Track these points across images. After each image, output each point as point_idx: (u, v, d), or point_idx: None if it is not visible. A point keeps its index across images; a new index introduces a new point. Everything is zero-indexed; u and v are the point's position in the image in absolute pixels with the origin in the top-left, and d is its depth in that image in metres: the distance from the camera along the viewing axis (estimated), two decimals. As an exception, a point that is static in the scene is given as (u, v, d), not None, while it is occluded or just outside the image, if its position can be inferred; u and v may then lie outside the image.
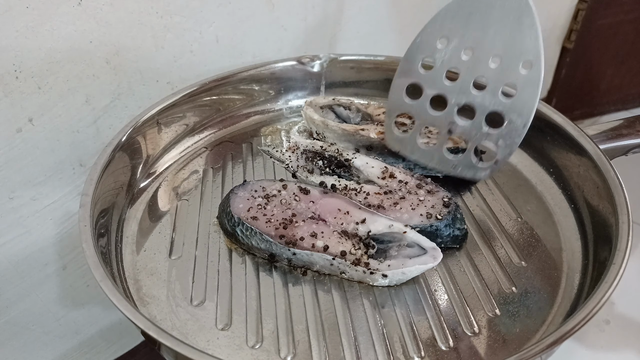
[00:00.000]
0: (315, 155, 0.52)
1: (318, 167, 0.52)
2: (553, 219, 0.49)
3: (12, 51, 0.48)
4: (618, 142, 0.51)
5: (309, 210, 0.45)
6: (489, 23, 0.45)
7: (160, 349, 0.35)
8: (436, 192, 0.48)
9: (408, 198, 0.47)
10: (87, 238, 0.40)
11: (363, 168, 0.50)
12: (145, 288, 0.43)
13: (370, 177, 0.50)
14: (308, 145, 0.53)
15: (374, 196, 0.47)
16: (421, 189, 0.48)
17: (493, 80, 0.46)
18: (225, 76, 0.60)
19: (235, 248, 0.46)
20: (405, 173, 0.50)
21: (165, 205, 0.51)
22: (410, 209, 0.46)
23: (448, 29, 0.47)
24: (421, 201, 0.47)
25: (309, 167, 0.52)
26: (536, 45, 0.44)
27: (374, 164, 0.50)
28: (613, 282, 0.37)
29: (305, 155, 0.53)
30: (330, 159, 0.52)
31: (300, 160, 0.53)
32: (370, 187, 0.48)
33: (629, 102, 1.31)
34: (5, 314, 0.60)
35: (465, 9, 0.46)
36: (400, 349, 0.38)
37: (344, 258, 0.42)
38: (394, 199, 0.47)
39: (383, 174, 0.49)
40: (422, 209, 0.46)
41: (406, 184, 0.48)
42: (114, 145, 0.49)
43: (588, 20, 1.11)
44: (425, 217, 0.45)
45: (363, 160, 0.51)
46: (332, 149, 0.52)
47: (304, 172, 0.52)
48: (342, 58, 0.64)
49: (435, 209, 0.46)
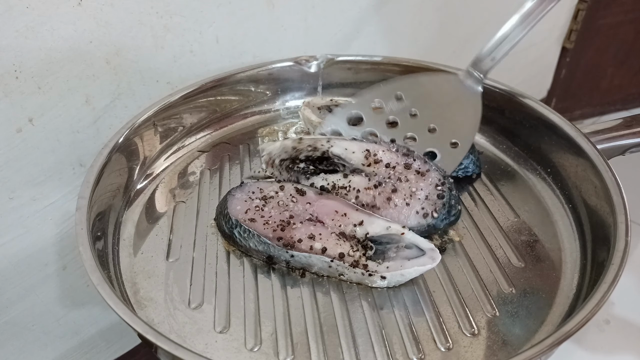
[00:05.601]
0: (293, 160, 0.49)
1: (301, 171, 0.49)
2: (551, 219, 0.49)
3: (12, 51, 0.48)
4: (615, 141, 0.51)
5: (306, 212, 0.45)
6: (443, 102, 0.54)
7: (157, 352, 0.35)
8: (427, 173, 0.46)
9: (400, 188, 0.46)
10: (83, 241, 0.40)
11: (344, 155, 0.48)
12: (143, 291, 0.43)
13: (354, 165, 0.48)
14: (280, 153, 0.49)
15: (365, 193, 0.46)
16: (410, 169, 0.47)
17: (423, 140, 0.53)
18: (221, 77, 0.60)
19: (233, 250, 0.46)
20: (389, 151, 0.48)
21: (163, 207, 0.51)
22: (405, 204, 0.45)
23: (408, 90, 0.55)
24: (414, 192, 0.46)
25: (293, 177, 0.50)
26: (471, 134, 0.53)
27: (354, 148, 0.48)
28: (612, 282, 0.37)
29: (284, 164, 0.50)
30: (308, 158, 0.49)
31: (282, 172, 0.50)
32: (358, 181, 0.47)
33: (629, 102, 1.31)
34: (5, 314, 0.60)
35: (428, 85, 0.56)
36: (399, 351, 0.38)
37: (342, 260, 0.42)
38: (385, 192, 0.46)
39: (367, 159, 0.48)
40: (416, 204, 0.45)
41: (394, 168, 0.47)
42: (111, 147, 0.49)
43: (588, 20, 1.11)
44: (421, 216, 0.45)
45: (341, 147, 0.48)
46: (302, 146, 0.49)
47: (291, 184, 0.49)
48: (339, 59, 0.64)
49: (429, 200, 0.45)
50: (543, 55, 1.15)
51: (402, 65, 0.62)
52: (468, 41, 0.91)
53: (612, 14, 1.12)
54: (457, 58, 0.57)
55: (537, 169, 0.55)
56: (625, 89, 1.28)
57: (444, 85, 0.55)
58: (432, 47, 0.89)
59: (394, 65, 0.62)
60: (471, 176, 0.54)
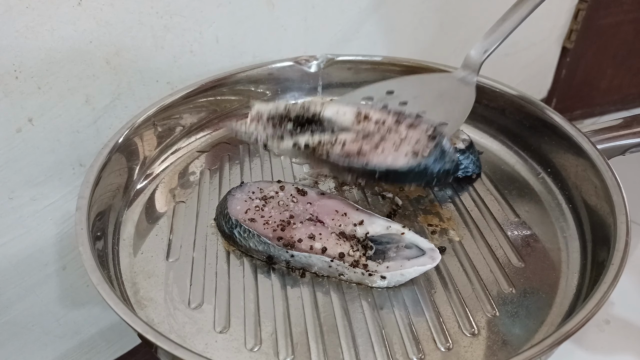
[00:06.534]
0: (282, 118, 0.47)
1: (287, 131, 0.46)
2: (551, 219, 0.49)
3: (12, 51, 0.48)
4: (616, 141, 0.51)
5: (306, 212, 0.45)
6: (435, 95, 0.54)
7: (157, 352, 0.35)
8: (418, 125, 0.44)
9: (389, 138, 0.43)
10: (83, 241, 0.40)
11: (335, 118, 0.45)
12: (143, 291, 0.43)
13: (344, 125, 0.45)
14: (271, 111, 0.48)
15: (352, 144, 0.43)
16: (401, 124, 0.44)
17: None
18: (221, 77, 0.60)
19: (233, 250, 0.46)
20: (380, 111, 0.46)
21: (163, 207, 0.51)
22: (392, 150, 0.42)
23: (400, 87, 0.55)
24: (403, 139, 0.43)
25: (278, 133, 0.47)
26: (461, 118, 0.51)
27: (345, 110, 0.46)
28: (612, 283, 0.37)
29: (272, 122, 0.47)
30: (297, 119, 0.47)
31: (267, 128, 0.47)
32: (346, 135, 0.44)
33: (629, 102, 1.31)
34: (5, 314, 0.60)
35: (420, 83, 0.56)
36: (399, 351, 0.38)
37: (343, 260, 0.42)
38: (373, 141, 0.43)
39: (357, 119, 0.45)
40: (405, 147, 0.42)
41: (383, 123, 0.44)
42: (111, 147, 0.49)
43: (588, 20, 1.11)
44: (410, 155, 0.42)
45: (333, 110, 0.46)
46: (296, 107, 0.47)
47: (274, 141, 0.46)
48: (339, 59, 0.64)
49: (420, 144, 0.42)
50: (543, 55, 1.15)
51: (402, 65, 0.62)
52: (468, 41, 0.91)
53: (612, 14, 1.12)
54: (457, 58, 0.57)
55: (537, 169, 0.55)
56: (625, 89, 1.28)
57: (437, 82, 0.55)
58: (432, 47, 0.89)
59: (394, 65, 0.62)
60: (471, 176, 0.54)
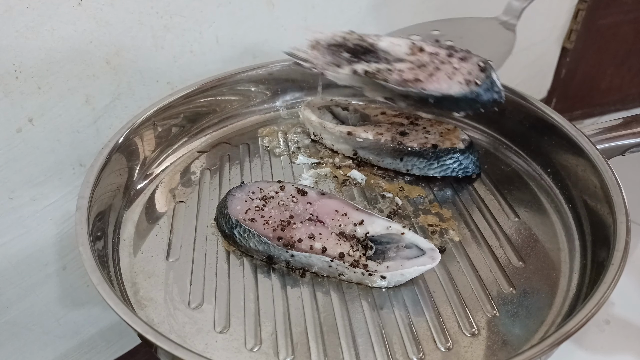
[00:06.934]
0: (339, 47, 0.52)
1: (344, 59, 0.51)
2: (551, 219, 0.49)
3: (12, 51, 0.48)
4: (616, 142, 0.51)
5: (306, 211, 0.45)
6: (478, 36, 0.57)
7: (157, 352, 0.35)
8: (469, 58, 0.48)
9: (443, 68, 0.47)
10: (83, 241, 0.40)
11: (390, 48, 0.50)
12: (143, 291, 0.43)
13: (399, 56, 0.49)
14: (329, 39, 0.53)
15: (408, 72, 0.48)
16: (453, 57, 0.48)
17: None
18: (221, 77, 0.60)
19: (233, 250, 0.46)
20: (433, 45, 0.49)
21: (163, 207, 0.51)
22: (447, 78, 0.47)
23: (445, 28, 0.58)
24: (456, 69, 0.47)
25: (336, 61, 0.52)
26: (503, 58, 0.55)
27: (399, 42, 0.50)
28: (612, 282, 0.37)
29: (330, 49, 0.52)
30: (354, 49, 0.51)
31: (326, 56, 0.52)
32: (402, 65, 0.48)
33: (629, 102, 1.31)
34: (5, 314, 0.60)
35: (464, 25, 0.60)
36: (399, 351, 0.38)
37: (343, 260, 0.42)
38: (428, 70, 0.47)
39: (411, 50, 0.49)
40: (459, 77, 0.47)
41: (437, 55, 0.48)
42: (111, 147, 0.49)
43: (588, 20, 1.11)
44: (465, 84, 0.46)
45: (387, 41, 0.50)
46: (353, 37, 0.51)
47: (331, 67, 0.52)
48: None
49: (472, 75, 0.47)
50: (543, 55, 1.15)
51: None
52: (468, 41, 0.91)
53: (612, 14, 1.12)
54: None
55: (537, 169, 0.55)
56: (625, 89, 1.28)
57: (480, 25, 0.59)
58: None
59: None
60: (471, 176, 0.54)
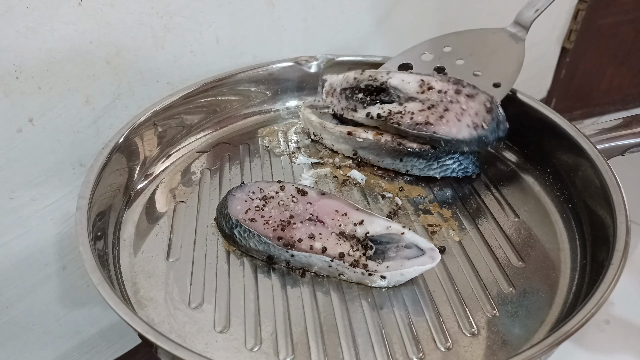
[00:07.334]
0: (353, 90, 0.55)
1: (359, 100, 0.54)
2: (551, 219, 0.50)
3: (12, 51, 0.48)
4: (615, 142, 0.51)
5: (306, 211, 0.45)
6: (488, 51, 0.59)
7: (157, 352, 0.35)
8: (476, 95, 0.51)
9: (451, 108, 0.50)
10: (84, 241, 0.40)
11: (401, 86, 0.53)
12: (143, 291, 0.43)
13: (409, 94, 0.52)
14: (342, 83, 0.56)
15: (419, 114, 0.51)
16: (461, 94, 0.51)
17: None
18: (221, 77, 0.60)
19: (233, 250, 0.46)
20: (441, 80, 0.52)
21: (163, 207, 0.51)
22: (456, 120, 0.50)
23: (455, 43, 0.61)
24: (464, 110, 0.50)
25: (351, 105, 0.55)
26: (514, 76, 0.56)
27: (409, 79, 0.53)
28: (611, 282, 0.37)
29: (344, 93, 0.55)
30: (367, 88, 0.54)
31: (341, 101, 0.55)
32: (413, 106, 0.51)
33: (629, 102, 1.31)
34: (5, 314, 0.60)
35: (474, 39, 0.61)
36: (399, 350, 0.38)
37: (343, 259, 0.42)
38: (438, 112, 0.50)
39: (421, 88, 0.52)
40: (467, 119, 0.50)
41: (445, 93, 0.51)
42: (111, 147, 0.49)
43: (588, 20, 1.11)
44: (472, 127, 0.50)
45: (398, 79, 0.53)
46: (364, 77, 0.55)
47: (348, 112, 0.55)
48: (339, 59, 0.64)
49: (479, 116, 0.50)
50: (543, 55, 1.15)
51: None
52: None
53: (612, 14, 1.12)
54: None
55: (537, 169, 0.55)
56: (624, 89, 1.28)
57: (489, 38, 0.60)
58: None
59: (394, 65, 0.63)
60: (471, 176, 0.54)
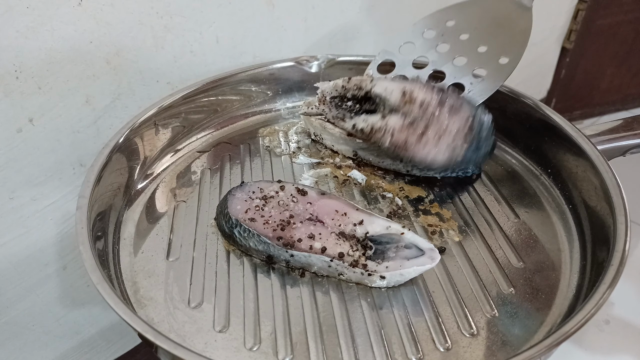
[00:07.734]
0: (342, 98, 0.56)
1: (347, 109, 0.55)
2: (551, 219, 0.50)
3: (12, 51, 0.48)
4: (616, 142, 0.51)
5: (306, 211, 0.45)
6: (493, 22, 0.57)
7: (157, 351, 0.35)
8: (459, 110, 0.49)
9: (432, 125, 0.49)
10: (84, 240, 0.40)
11: (384, 94, 0.52)
12: (143, 290, 0.43)
13: (392, 104, 0.51)
14: (331, 91, 0.56)
15: (400, 133, 0.50)
16: (444, 106, 0.49)
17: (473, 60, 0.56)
18: (222, 77, 0.60)
19: (233, 250, 0.46)
20: (425, 89, 0.50)
21: (163, 206, 0.51)
22: (437, 138, 0.48)
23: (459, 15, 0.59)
24: (445, 129, 0.48)
25: (340, 114, 0.55)
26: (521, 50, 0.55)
27: (392, 88, 0.52)
28: (611, 283, 0.37)
29: (334, 102, 0.56)
30: (354, 97, 0.55)
31: (332, 109, 0.56)
32: (394, 122, 0.50)
33: (629, 102, 1.31)
34: (5, 314, 0.60)
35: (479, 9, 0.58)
36: (398, 351, 0.38)
37: (342, 259, 0.42)
38: (419, 129, 0.49)
39: (403, 98, 0.51)
40: (447, 138, 0.49)
41: (428, 106, 0.49)
42: (111, 146, 0.49)
43: (588, 20, 1.11)
44: (452, 148, 0.49)
45: (382, 87, 0.53)
46: (350, 85, 0.55)
47: (338, 121, 0.55)
48: (339, 59, 0.64)
49: (459, 134, 0.49)
50: (543, 55, 1.15)
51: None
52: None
53: (612, 14, 1.12)
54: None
55: (537, 169, 0.55)
56: (624, 89, 1.28)
57: (495, 7, 0.58)
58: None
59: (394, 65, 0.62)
60: (471, 176, 0.54)
